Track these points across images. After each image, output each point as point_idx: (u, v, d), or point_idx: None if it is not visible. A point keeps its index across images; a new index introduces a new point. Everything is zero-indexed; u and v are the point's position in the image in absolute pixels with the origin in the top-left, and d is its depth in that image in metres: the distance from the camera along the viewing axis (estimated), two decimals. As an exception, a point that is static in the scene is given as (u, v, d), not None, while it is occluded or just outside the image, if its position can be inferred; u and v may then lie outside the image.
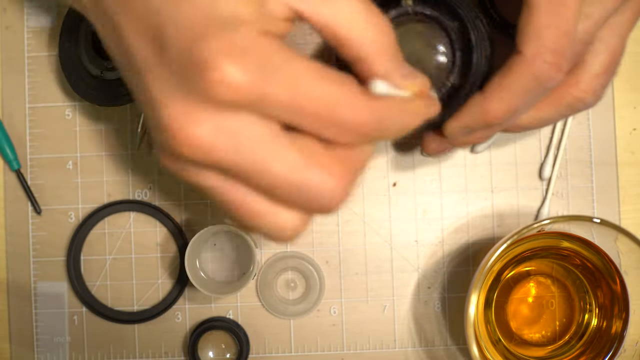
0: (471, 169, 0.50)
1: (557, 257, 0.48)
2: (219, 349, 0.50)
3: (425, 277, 0.50)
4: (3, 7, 0.51)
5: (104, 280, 0.51)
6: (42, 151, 0.51)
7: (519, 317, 0.48)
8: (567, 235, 0.45)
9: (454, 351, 0.50)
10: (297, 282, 0.51)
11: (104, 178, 0.51)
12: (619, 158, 0.50)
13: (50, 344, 0.50)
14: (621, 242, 0.43)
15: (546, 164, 0.50)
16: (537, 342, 0.48)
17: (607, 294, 0.46)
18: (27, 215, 0.51)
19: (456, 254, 0.50)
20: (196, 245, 0.47)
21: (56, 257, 0.51)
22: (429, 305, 0.50)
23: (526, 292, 0.48)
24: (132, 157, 0.51)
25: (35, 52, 0.51)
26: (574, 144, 0.50)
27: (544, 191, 0.50)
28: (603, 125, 0.50)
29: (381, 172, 0.50)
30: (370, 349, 0.50)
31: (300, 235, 0.32)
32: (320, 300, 0.50)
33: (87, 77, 0.46)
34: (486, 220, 0.50)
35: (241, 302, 0.50)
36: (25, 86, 0.51)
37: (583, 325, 0.47)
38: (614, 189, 0.50)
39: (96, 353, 0.51)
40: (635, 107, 0.50)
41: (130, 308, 0.51)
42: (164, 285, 0.51)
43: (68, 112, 0.51)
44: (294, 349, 0.50)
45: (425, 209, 0.50)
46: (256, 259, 0.47)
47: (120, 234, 0.51)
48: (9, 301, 0.51)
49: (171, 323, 0.51)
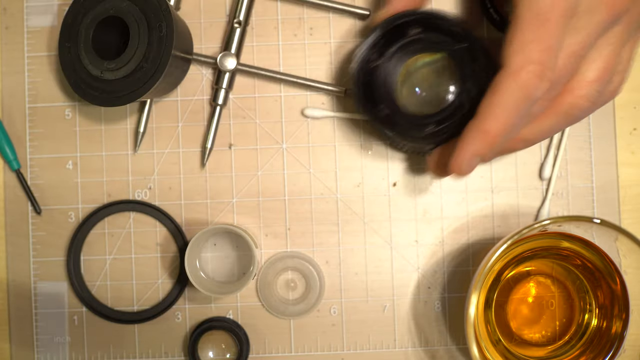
0: (471, 169, 0.50)
1: (557, 257, 0.48)
2: (219, 349, 0.50)
3: (425, 277, 0.50)
4: (3, 7, 0.51)
5: (104, 280, 0.51)
6: (42, 151, 0.51)
7: (519, 317, 0.48)
8: (567, 235, 0.45)
9: (454, 351, 0.50)
10: (297, 282, 0.51)
11: (104, 178, 0.51)
12: (619, 158, 0.50)
13: (50, 344, 0.50)
14: (621, 242, 0.43)
15: (546, 164, 0.50)
16: (537, 342, 0.48)
17: (607, 294, 0.46)
18: (27, 215, 0.51)
19: (456, 254, 0.50)
20: (196, 245, 0.47)
21: (56, 257, 0.51)
22: (429, 305, 0.50)
23: (526, 292, 0.48)
24: (132, 157, 0.51)
25: (35, 52, 0.51)
26: (574, 144, 0.50)
27: (544, 191, 0.50)
28: (603, 125, 0.50)
29: (381, 172, 0.50)
30: (370, 349, 0.50)
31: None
32: (320, 300, 0.50)
33: (87, 77, 0.46)
34: (486, 220, 0.50)
35: (241, 302, 0.50)
36: (25, 86, 0.51)
37: (583, 325, 0.47)
38: (614, 189, 0.50)
39: (96, 353, 0.51)
40: (635, 107, 0.50)
41: (130, 308, 0.51)
42: (164, 285, 0.51)
43: (68, 112, 0.51)
44: (294, 349, 0.50)
45: (425, 209, 0.50)
46: (256, 259, 0.47)
47: (120, 234, 0.51)
48: (9, 301, 0.51)
49: (171, 323, 0.51)
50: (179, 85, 0.50)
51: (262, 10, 0.51)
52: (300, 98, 0.50)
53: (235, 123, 0.50)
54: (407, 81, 0.44)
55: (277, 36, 0.50)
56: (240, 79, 0.51)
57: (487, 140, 0.38)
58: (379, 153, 0.50)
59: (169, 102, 0.51)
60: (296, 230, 0.50)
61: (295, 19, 0.50)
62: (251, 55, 0.50)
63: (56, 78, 0.51)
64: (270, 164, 0.50)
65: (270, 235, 0.50)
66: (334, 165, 0.50)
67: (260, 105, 0.51)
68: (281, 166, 0.50)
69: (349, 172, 0.50)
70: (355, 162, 0.50)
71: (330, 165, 0.50)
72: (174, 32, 0.44)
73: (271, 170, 0.50)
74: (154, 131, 0.51)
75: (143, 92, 0.44)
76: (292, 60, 0.50)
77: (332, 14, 0.51)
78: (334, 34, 0.50)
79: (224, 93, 0.49)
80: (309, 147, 0.50)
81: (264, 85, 0.50)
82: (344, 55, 0.50)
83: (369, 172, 0.50)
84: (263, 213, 0.50)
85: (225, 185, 0.50)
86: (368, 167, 0.50)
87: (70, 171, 0.51)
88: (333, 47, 0.50)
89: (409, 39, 0.43)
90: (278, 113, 0.50)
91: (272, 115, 0.50)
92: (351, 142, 0.50)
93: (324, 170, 0.50)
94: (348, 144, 0.50)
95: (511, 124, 0.38)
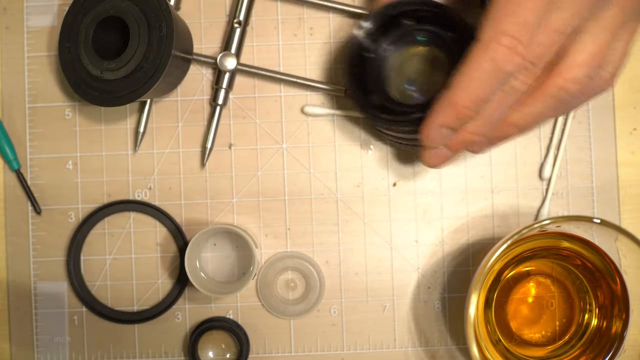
0: (471, 169, 0.50)
1: (557, 257, 0.48)
2: (219, 349, 0.50)
3: (425, 277, 0.50)
4: (3, 7, 0.51)
5: (104, 280, 0.51)
6: (42, 151, 0.51)
7: (519, 317, 0.48)
8: (567, 235, 0.45)
9: (454, 351, 0.50)
10: (297, 282, 0.51)
11: (103, 178, 0.51)
12: (619, 158, 0.50)
13: (50, 344, 0.50)
14: (621, 242, 0.43)
15: (546, 164, 0.50)
16: (537, 342, 0.48)
17: (607, 294, 0.46)
18: (27, 215, 0.51)
19: (456, 254, 0.50)
20: (196, 245, 0.47)
21: (56, 257, 0.51)
22: (429, 305, 0.50)
23: (526, 292, 0.48)
24: (132, 157, 0.51)
25: (35, 52, 0.51)
26: (574, 144, 0.50)
27: (544, 191, 0.50)
28: (603, 125, 0.50)
29: (381, 172, 0.50)
30: (370, 349, 0.50)
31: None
32: (320, 300, 0.50)
33: (87, 77, 0.46)
34: (486, 220, 0.50)
35: (241, 302, 0.50)
36: (25, 86, 0.51)
37: (583, 325, 0.47)
38: (614, 189, 0.50)
39: (96, 353, 0.51)
40: (635, 107, 0.50)
41: (130, 308, 0.51)
42: (164, 285, 0.51)
43: (68, 112, 0.51)
44: (294, 349, 0.50)
45: (425, 209, 0.50)
46: (256, 259, 0.47)
47: (120, 234, 0.51)
48: (9, 301, 0.51)
49: (171, 323, 0.51)
50: (179, 85, 0.50)
51: (262, 10, 0.51)
52: (300, 98, 0.50)
53: (235, 123, 0.51)
54: (400, 71, 0.44)
55: (277, 36, 0.50)
56: (240, 79, 0.51)
57: (455, 112, 0.38)
58: (379, 153, 0.50)
59: (169, 102, 0.51)
60: (296, 230, 0.50)
61: (295, 19, 0.50)
62: (251, 55, 0.50)
63: (56, 78, 0.51)
64: (270, 164, 0.50)
65: (270, 235, 0.50)
66: (334, 165, 0.50)
67: (260, 105, 0.51)
68: (281, 166, 0.50)
69: (349, 172, 0.50)
70: (355, 162, 0.50)
71: (330, 165, 0.50)
72: (174, 32, 0.44)
73: (271, 170, 0.50)
74: (154, 131, 0.51)
75: (143, 92, 0.44)
76: (292, 60, 0.50)
77: (332, 14, 0.51)
78: (334, 34, 0.50)
79: (224, 93, 0.50)
80: (309, 147, 0.50)
81: (264, 85, 0.50)
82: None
83: (369, 172, 0.50)
84: (263, 213, 0.50)
85: (225, 185, 0.50)
86: (368, 167, 0.50)
87: (70, 171, 0.51)
88: (333, 47, 0.50)
89: (403, 29, 0.43)
90: (278, 113, 0.50)
91: (272, 115, 0.50)
92: (351, 142, 0.50)
93: (324, 170, 0.50)
94: (348, 143, 0.50)
95: (480, 97, 0.37)
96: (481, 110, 0.38)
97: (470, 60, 0.37)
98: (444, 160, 0.42)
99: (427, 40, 0.44)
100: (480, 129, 0.40)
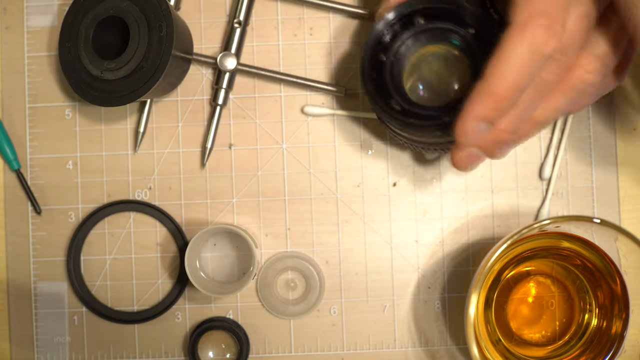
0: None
1: (557, 257, 0.48)
2: (219, 349, 0.50)
3: (425, 277, 0.50)
4: (3, 7, 0.51)
5: (104, 280, 0.51)
6: (42, 151, 0.51)
7: (519, 317, 0.48)
8: (567, 235, 0.45)
9: (454, 351, 0.50)
10: (297, 282, 0.51)
11: (103, 178, 0.51)
12: (619, 158, 0.50)
13: (50, 344, 0.50)
14: (621, 242, 0.43)
15: (546, 164, 0.50)
16: (537, 342, 0.48)
17: (607, 294, 0.46)
18: (27, 215, 0.51)
19: (456, 254, 0.50)
20: (196, 245, 0.47)
21: (56, 257, 0.51)
22: (429, 305, 0.50)
23: (526, 292, 0.48)
24: (132, 157, 0.51)
25: (35, 52, 0.51)
26: (574, 144, 0.50)
27: (544, 191, 0.50)
28: (603, 125, 0.50)
29: (381, 172, 0.50)
30: (370, 349, 0.50)
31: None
32: (320, 300, 0.50)
33: (87, 77, 0.46)
34: (486, 220, 0.50)
35: (241, 302, 0.50)
36: (25, 86, 0.51)
37: (583, 325, 0.47)
38: (614, 189, 0.50)
39: (96, 353, 0.51)
40: (635, 107, 0.50)
41: (130, 308, 0.51)
42: (164, 285, 0.51)
43: (68, 112, 0.51)
44: (294, 349, 0.50)
45: (425, 209, 0.50)
46: (256, 259, 0.47)
47: (120, 234, 0.51)
48: (9, 301, 0.51)
49: (171, 323, 0.51)
50: (179, 85, 0.50)
51: (262, 10, 0.51)
52: (300, 98, 0.50)
53: (235, 123, 0.51)
54: (416, 73, 0.43)
55: (277, 36, 0.50)
56: (240, 79, 0.51)
57: (493, 101, 0.35)
58: (379, 153, 0.50)
59: (169, 102, 0.51)
60: (296, 230, 0.50)
61: (295, 19, 0.50)
62: (251, 55, 0.50)
63: (56, 78, 0.51)
64: (270, 164, 0.50)
65: (270, 235, 0.50)
66: (334, 165, 0.50)
67: (260, 105, 0.51)
68: (281, 166, 0.50)
69: (349, 172, 0.50)
70: (355, 162, 0.50)
71: (330, 165, 0.50)
72: (174, 32, 0.44)
73: (271, 170, 0.50)
74: (154, 131, 0.51)
75: (143, 92, 0.44)
76: (292, 60, 0.50)
77: (332, 14, 0.51)
78: (334, 34, 0.50)
79: (224, 93, 0.50)
80: (309, 147, 0.50)
81: (264, 85, 0.50)
82: (344, 55, 0.50)
83: (369, 172, 0.50)
84: (263, 213, 0.50)
85: (225, 185, 0.50)
86: (368, 167, 0.50)
87: (70, 171, 0.51)
88: (333, 47, 0.50)
89: (417, 29, 0.41)
90: (278, 113, 0.50)
91: (272, 115, 0.50)
92: (351, 142, 0.50)
93: (324, 170, 0.50)
94: (348, 143, 0.50)
95: (520, 84, 0.35)
96: (515, 103, 0.37)
97: (505, 45, 0.35)
98: (475, 162, 0.39)
99: (447, 39, 0.42)
100: (511, 126, 0.37)
